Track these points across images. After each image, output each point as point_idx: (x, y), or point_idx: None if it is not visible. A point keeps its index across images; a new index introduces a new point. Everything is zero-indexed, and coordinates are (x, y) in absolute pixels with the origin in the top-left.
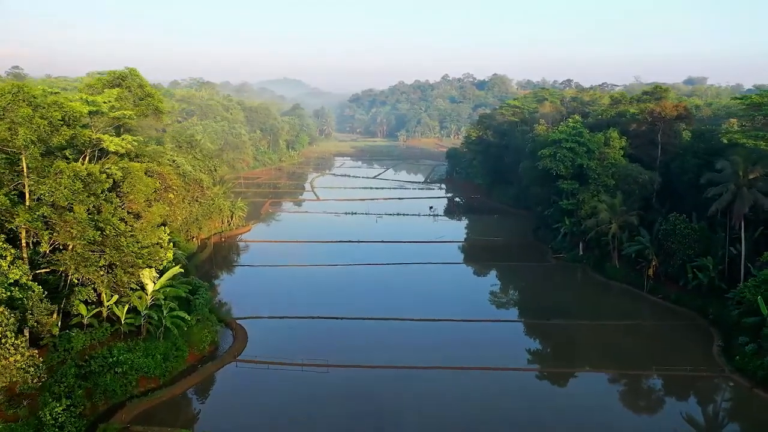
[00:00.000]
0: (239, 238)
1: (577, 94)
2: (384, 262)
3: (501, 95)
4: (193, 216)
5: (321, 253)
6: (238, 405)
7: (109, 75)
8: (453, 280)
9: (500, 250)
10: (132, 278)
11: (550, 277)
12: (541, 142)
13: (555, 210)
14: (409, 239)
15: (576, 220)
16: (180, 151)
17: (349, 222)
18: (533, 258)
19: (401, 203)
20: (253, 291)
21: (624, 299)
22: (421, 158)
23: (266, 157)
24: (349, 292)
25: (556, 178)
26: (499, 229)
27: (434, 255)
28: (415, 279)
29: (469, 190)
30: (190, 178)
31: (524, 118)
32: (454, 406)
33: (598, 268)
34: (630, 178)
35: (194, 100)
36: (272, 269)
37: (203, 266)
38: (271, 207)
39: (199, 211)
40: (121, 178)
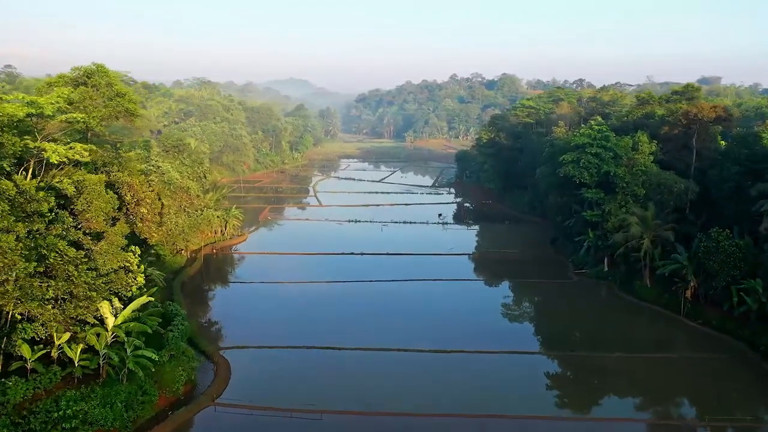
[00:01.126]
0: (234, 248)
1: (595, 94)
2: (388, 278)
3: (511, 95)
4: (179, 228)
5: (320, 267)
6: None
7: (73, 71)
8: (464, 301)
9: (516, 265)
10: (87, 311)
11: (572, 297)
12: (561, 147)
13: (577, 221)
14: (416, 251)
15: (601, 233)
16: (167, 156)
17: (352, 230)
18: (552, 274)
19: (408, 210)
20: (242, 313)
21: (658, 324)
22: (429, 160)
23: (268, 160)
24: (348, 314)
25: (578, 186)
26: (513, 238)
27: (443, 269)
28: (422, 299)
29: (479, 195)
30: (176, 186)
31: (539, 119)
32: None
33: (626, 287)
34: (663, 188)
35: (193, 101)
36: (265, 287)
37: (190, 283)
38: (270, 213)
39: (186, 223)
40: (75, 194)
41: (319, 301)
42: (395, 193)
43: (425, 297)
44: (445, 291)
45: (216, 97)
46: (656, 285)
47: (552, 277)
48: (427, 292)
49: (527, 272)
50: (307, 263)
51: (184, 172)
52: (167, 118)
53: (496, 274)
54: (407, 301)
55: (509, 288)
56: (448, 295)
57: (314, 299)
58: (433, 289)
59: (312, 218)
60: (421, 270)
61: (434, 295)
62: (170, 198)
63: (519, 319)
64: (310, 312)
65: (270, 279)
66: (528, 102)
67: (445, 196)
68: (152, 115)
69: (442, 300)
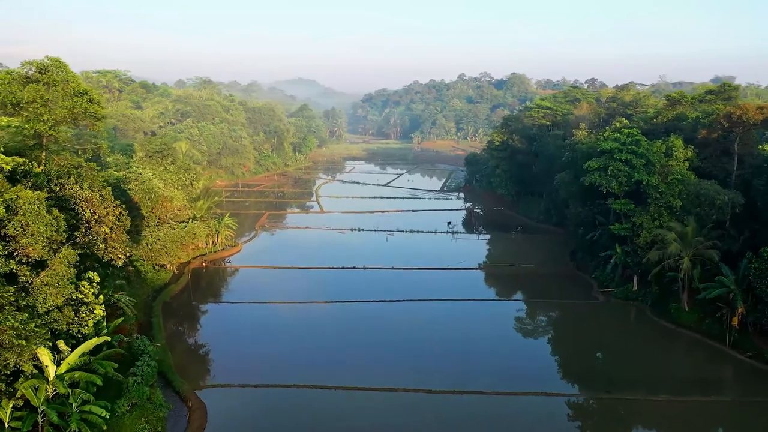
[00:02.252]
0: (226, 260)
1: (615, 94)
2: (393, 297)
3: (520, 95)
4: (160, 242)
5: (319, 283)
6: None
7: (23, 66)
8: (478, 325)
9: (533, 281)
10: (20, 358)
11: (599, 321)
12: (583, 152)
13: (602, 234)
14: (424, 263)
15: (630, 248)
16: (149, 161)
17: (355, 240)
18: (575, 293)
19: (415, 217)
20: (227, 341)
21: (702, 357)
22: (437, 162)
23: (270, 162)
24: (348, 343)
25: (604, 195)
26: (528, 250)
27: (453, 286)
28: (431, 324)
29: (490, 201)
30: (158, 195)
31: (556, 121)
32: None
33: (659, 310)
34: (703, 199)
35: (191, 101)
36: (256, 308)
37: (174, 302)
38: (268, 221)
39: (168, 237)
40: (5, 216)
41: (315, 326)
42: (401, 198)
43: (435, 321)
44: (456, 313)
45: (215, 97)
46: (695, 309)
47: (574, 296)
48: (437, 315)
49: (546, 290)
50: (304, 278)
51: (169, 180)
52: (163, 119)
53: (512, 292)
54: (414, 327)
55: (528, 309)
56: (461, 317)
57: (310, 324)
58: (443, 310)
59: (312, 226)
60: (430, 286)
61: (445, 319)
62: (151, 208)
63: (542, 349)
64: (305, 340)
65: (262, 298)
66: (544, 102)
67: (454, 202)
68: (147, 115)
69: (453, 325)
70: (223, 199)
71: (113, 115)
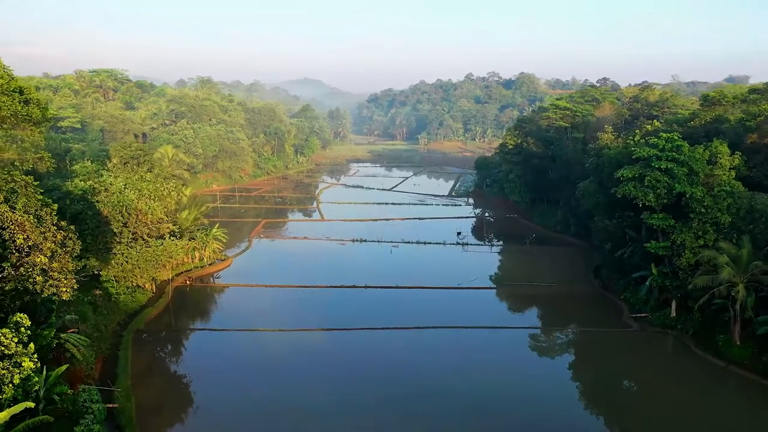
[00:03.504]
0: (215, 276)
1: (638, 93)
2: (398, 323)
3: (530, 95)
4: (132, 261)
5: (315, 305)
6: None
7: None
8: (498, 363)
9: (556, 304)
10: None
11: (637, 357)
12: (612, 158)
13: (634, 252)
14: (432, 281)
15: (669, 269)
16: (124, 169)
17: (357, 253)
18: (604, 319)
19: (422, 225)
20: (207, 382)
21: (761, 403)
22: (444, 164)
23: (270, 165)
24: (343, 384)
25: (635, 207)
26: (546, 265)
27: (466, 309)
28: (444, 360)
29: (502, 208)
30: (131, 208)
31: (575, 122)
32: None
33: (704, 342)
34: (759, 215)
35: (186, 101)
36: (242, 337)
37: (148, 330)
38: (264, 230)
39: (141, 256)
40: None
41: (308, 364)
42: (407, 204)
43: (447, 356)
44: (471, 343)
45: (213, 97)
46: (748, 342)
47: (604, 323)
48: (449, 346)
49: (572, 315)
50: (299, 299)
51: (145, 190)
52: (156, 120)
53: (534, 317)
54: (424, 366)
55: (553, 340)
56: (477, 351)
57: (303, 362)
58: (456, 339)
59: (311, 236)
60: (440, 309)
61: (459, 353)
62: (124, 223)
63: (575, 398)
64: (295, 387)
65: (251, 324)
66: (561, 102)
67: (463, 208)
68: (138, 117)
69: (468, 363)
70: (218, 205)
71: (101, 116)
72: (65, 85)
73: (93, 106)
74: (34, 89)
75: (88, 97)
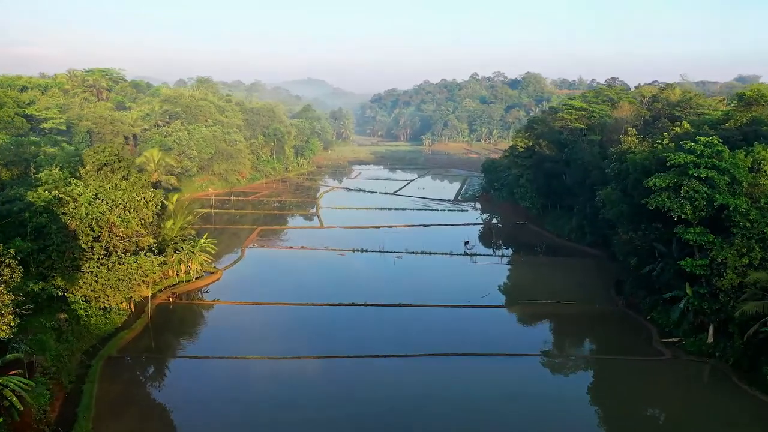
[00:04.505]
0: (203, 290)
1: (658, 93)
2: (402, 349)
3: (536, 95)
4: (102, 279)
5: (309, 326)
6: None
7: None
8: (519, 401)
9: (575, 325)
10: None
11: (668, 390)
12: (638, 163)
13: (665, 269)
14: (439, 298)
15: (707, 290)
16: (97, 177)
17: (357, 264)
18: (631, 344)
19: (427, 232)
20: (179, 425)
21: None
22: (449, 167)
23: (269, 167)
24: (341, 424)
25: (668, 219)
26: (562, 279)
27: (479, 331)
28: (448, 392)
29: (511, 214)
30: (102, 221)
31: (590, 124)
32: None
33: (747, 375)
34: None
35: (181, 101)
36: (225, 366)
37: (120, 359)
38: (259, 238)
39: (112, 275)
40: None
41: (301, 401)
42: (411, 209)
43: (458, 389)
44: (487, 376)
45: (210, 97)
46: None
47: (633, 349)
48: (462, 379)
49: (596, 339)
50: (292, 320)
51: (119, 200)
52: (148, 121)
53: (553, 341)
54: (431, 402)
55: (575, 370)
56: (494, 385)
57: (295, 397)
58: (468, 369)
59: (309, 245)
60: (448, 331)
61: (473, 387)
62: (95, 236)
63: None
64: (282, 419)
65: (236, 350)
66: (576, 102)
67: (470, 214)
68: (129, 117)
69: (482, 399)
70: (212, 210)
71: (88, 117)
72: (55, 85)
73: (81, 107)
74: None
75: (76, 98)
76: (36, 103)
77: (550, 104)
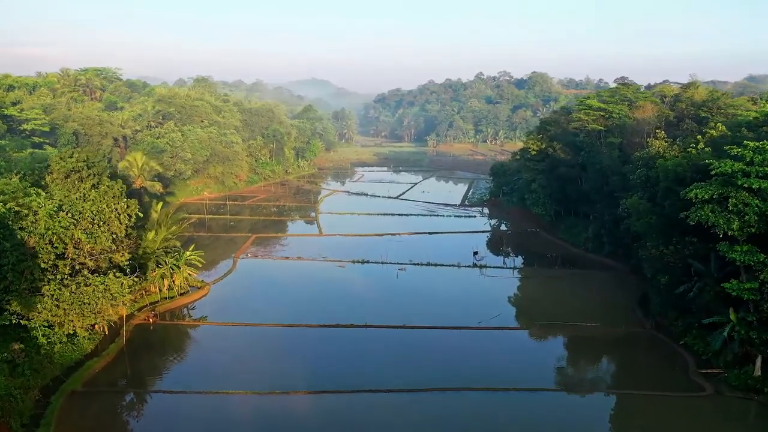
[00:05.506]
0: (189, 307)
1: (681, 92)
2: (404, 383)
3: (543, 95)
4: (65, 304)
5: (302, 350)
6: None
7: None
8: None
9: (602, 353)
10: None
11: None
12: (670, 170)
13: (704, 290)
14: (447, 318)
15: (755, 317)
16: (64, 185)
17: (357, 277)
18: (666, 375)
19: (432, 241)
20: None
21: None
22: (455, 169)
23: (268, 170)
24: None
25: (706, 233)
26: (580, 295)
27: (493, 359)
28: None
29: (522, 220)
30: (66, 237)
31: (608, 125)
32: None
33: None
34: None
35: (176, 101)
36: (205, 404)
37: (85, 394)
38: (253, 246)
39: (74, 300)
40: None
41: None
42: (416, 215)
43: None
44: (503, 412)
45: (206, 97)
46: None
47: (668, 382)
48: (479, 415)
49: (624, 369)
50: (284, 343)
51: (87, 212)
52: (140, 122)
53: (575, 374)
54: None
55: (603, 409)
56: (512, 427)
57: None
58: (483, 405)
59: (306, 256)
60: (458, 359)
61: (488, 428)
62: (59, 254)
63: None
64: None
65: (218, 383)
66: (594, 102)
67: (478, 220)
68: (120, 118)
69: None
70: (206, 216)
71: (75, 118)
72: (45, 84)
73: (68, 107)
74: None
75: (63, 97)
76: (21, 103)
77: (557, 104)
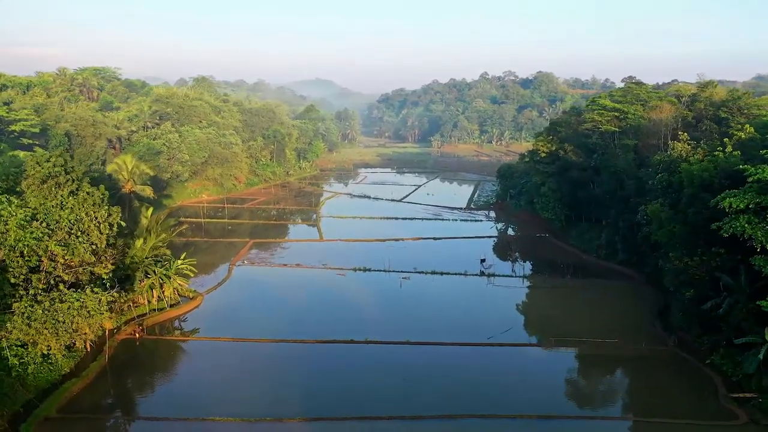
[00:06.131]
0: (180, 319)
1: (699, 91)
2: (405, 410)
3: (549, 95)
4: (37, 323)
5: (297, 369)
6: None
7: None
8: None
9: (619, 372)
10: None
11: None
12: (696, 175)
13: (735, 308)
14: (452, 331)
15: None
16: (40, 192)
17: (359, 287)
18: (692, 400)
19: (437, 246)
20: None
21: None
22: (459, 170)
23: (268, 171)
24: None
25: (735, 244)
26: (594, 306)
27: (501, 378)
28: None
29: (530, 224)
30: (40, 249)
31: (622, 126)
32: None
33: None
34: None
35: (174, 100)
36: (192, 429)
37: (62, 417)
38: (250, 253)
39: (47, 318)
40: None
41: None
42: (420, 219)
43: None
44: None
45: (205, 97)
46: None
47: (696, 407)
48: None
49: (648, 392)
50: (278, 362)
51: (64, 221)
52: (136, 123)
53: (594, 398)
54: None
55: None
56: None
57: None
58: None
59: (305, 263)
60: (466, 380)
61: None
62: (33, 268)
63: None
64: None
65: (205, 407)
66: (608, 102)
67: (484, 224)
68: (115, 119)
69: None
70: (203, 220)
71: (68, 119)
72: (40, 84)
73: (61, 107)
74: None
75: (56, 97)
76: (13, 103)
77: (564, 104)
